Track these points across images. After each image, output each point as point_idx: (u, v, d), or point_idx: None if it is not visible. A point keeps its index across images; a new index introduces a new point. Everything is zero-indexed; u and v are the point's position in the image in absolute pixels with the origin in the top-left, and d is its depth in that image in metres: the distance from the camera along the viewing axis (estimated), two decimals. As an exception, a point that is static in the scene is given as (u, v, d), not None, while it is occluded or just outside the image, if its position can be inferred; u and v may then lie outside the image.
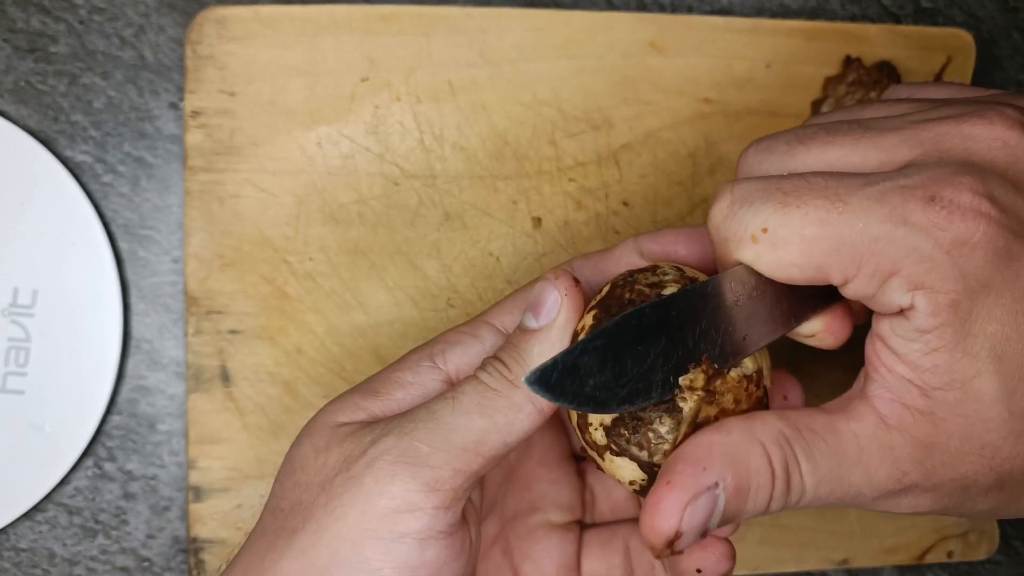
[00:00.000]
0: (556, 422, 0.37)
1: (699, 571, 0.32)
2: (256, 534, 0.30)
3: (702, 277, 0.30)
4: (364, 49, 0.41)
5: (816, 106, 0.43)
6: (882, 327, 0.28)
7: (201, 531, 0.40)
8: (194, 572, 0.40)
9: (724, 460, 0.27)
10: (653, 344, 0.28)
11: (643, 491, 0.29)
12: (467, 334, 0.33)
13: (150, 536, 0.42)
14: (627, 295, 0.30)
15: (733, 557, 0.32)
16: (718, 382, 0.29)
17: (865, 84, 0.43)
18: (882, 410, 0.28)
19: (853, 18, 0.45)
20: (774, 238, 0.28)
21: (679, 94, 0.43)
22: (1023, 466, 0.28)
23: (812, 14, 0.45)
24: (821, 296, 0.31)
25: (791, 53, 0.43)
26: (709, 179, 0.43)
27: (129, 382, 0.42)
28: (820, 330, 0.31)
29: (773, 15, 0.45)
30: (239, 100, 0.40)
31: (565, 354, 0.28)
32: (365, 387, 0.32)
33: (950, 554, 0.45)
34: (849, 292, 0.28)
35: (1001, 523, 0.46)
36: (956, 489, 0.28)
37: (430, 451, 0.28)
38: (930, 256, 0.27)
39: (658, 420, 0.29)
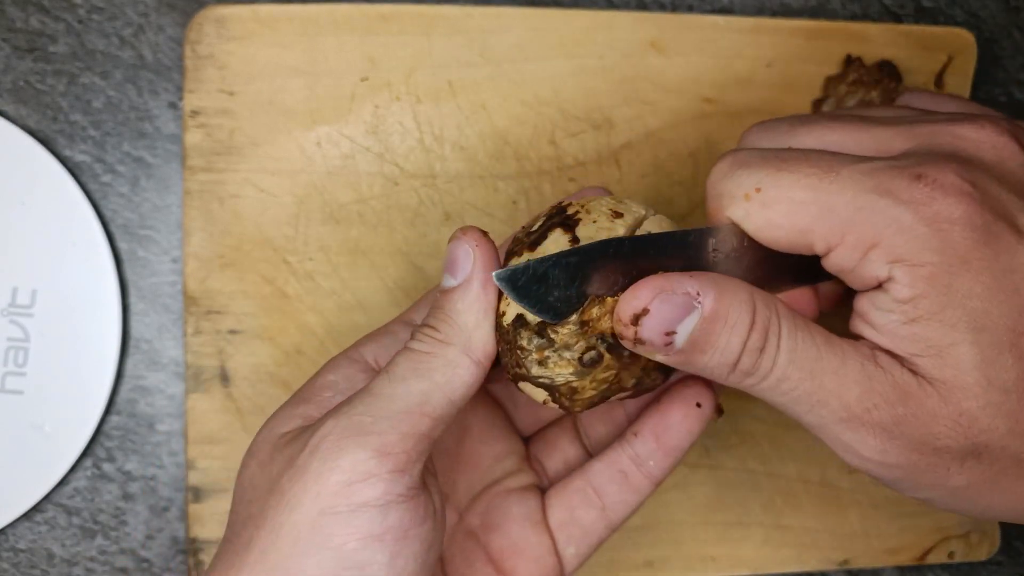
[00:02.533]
0: (489, 398, 0.37)
1: (699, 405, 0.34)
2: (215, 560, 0.30)
3: (627, 212, 0.31)
4: (364, 49, 0.41)
5: (817, 106, 0.43)
6: (862, 304, 0.29)
7: (200, 532, 0.40)
8: (193, 573, 0.40)
9: (712, 283, 0.28)
10: (624, 274, 0.29)
11: (560, 405, 0.31)
12: (381, 332, 0.34)
13: (149, 537, 0.42)
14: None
15: (713, 396, 0.34)
16: (598, 311, 0.29)
17: (866, 83, 0.42)
18: (876, 349, 0.29)
19: (854, 17, 0.45)
20: (765, 198, 0.29)
21: (680, 94, 0.43)
22: (1000, 440, 0.28)
23: (813, 13, 0.45)
24: (794, 277, 0.32)
25: (792, 52, 0.43)
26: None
27: (128, 382, 0.42)
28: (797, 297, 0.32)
29: (774, 14, 0.45)
30: (239, 100, 0.40)
31: (538, 262, 0.28)
32: (294, 398, 0.32)
33: (951, 554, 0.45)
34: (831, 263, 0.29)
35: (1003, 523, 0.46)
36: (925, 447, 0.28)
37: (373, 420, 0.28)
38: (911, 228, 0.28)
39: (530, 340, 0.29)
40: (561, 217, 0.31)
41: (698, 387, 0.34)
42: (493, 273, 0.28)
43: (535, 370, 0.30)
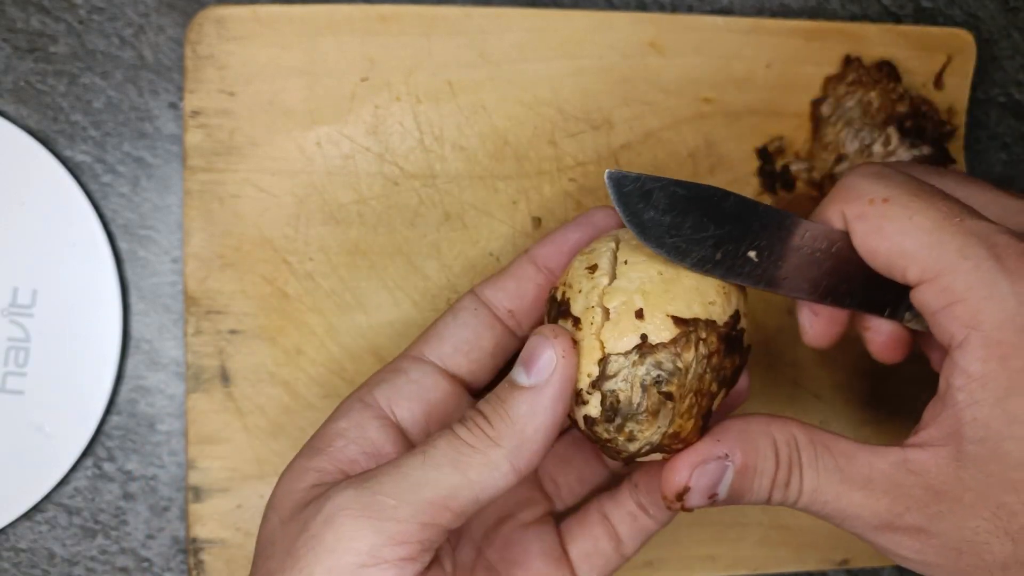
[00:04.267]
0: None
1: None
2: None
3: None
4: (364, 49, 0.41)
5: (816, 106, 0.43)
6: (941, 383, 0.29)
7: (200, 531, 0.40)
8: (193, 572, 0.40)
9: (736, 439, 0.30)
10: (717, 224, 0.30)
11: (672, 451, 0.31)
12: (390, 371, 0.33)
13: (150, 536, 0.42)
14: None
15: None
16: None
17: (865, 84, 0.43)
18: (907, 455, 0.29)
19: (853, 18, 0.45)
20: (888, 209, 0.29)
21: (679, 94, 0.43)
22: None
23: (812, 14, 0.45)
24: (860, 302, 0.32)
25: (791, 53, 0.43)
26: (709, 179, 0.43)
27: (129, 382, 0.42)
28: (821, 316, 0.32)
29: (773, 15, 0.45)
30: (239, 100, 0.40)
31: (649, 178, 0.29)
32: (307, 448, 0.32)
33: (950, 554, 0.45)
34: (918, 296, 0.29)
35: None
36: (964, 544, 0.28)
37: (396, 504, 0.28)
38: (1002, 298, 0.27)
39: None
40: (556, 308, 0.31)
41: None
42: (606, 171, 0.29)
43: (633, 447, 0.30)
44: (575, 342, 0.30)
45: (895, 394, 0.45)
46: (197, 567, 0.40)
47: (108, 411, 0.42)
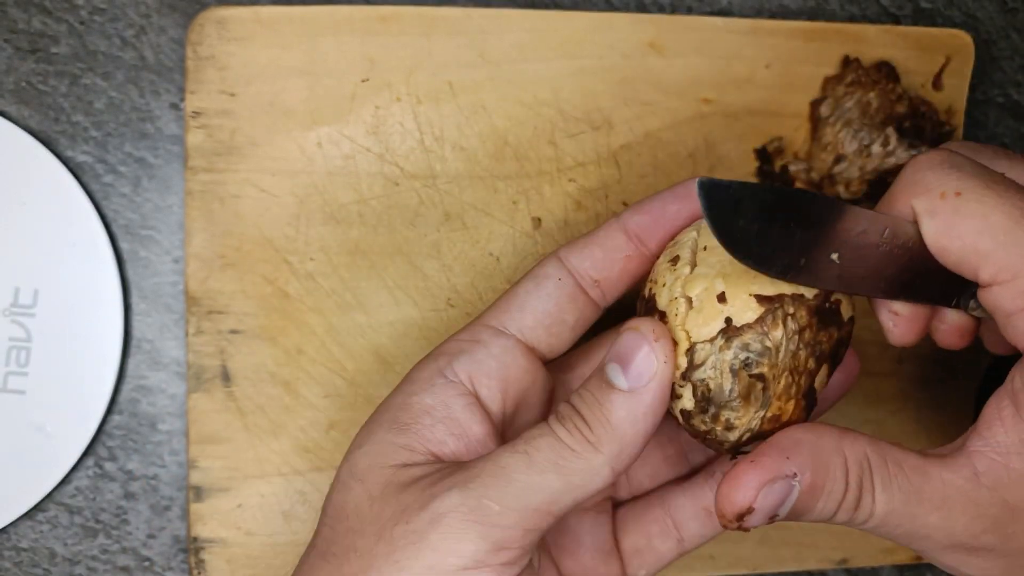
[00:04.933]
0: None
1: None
2: (304, 565, 0.30)
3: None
4: (364, 50, 0.41)
5: (815, 106, 0.43)
6: (1015, 382, 0.28)
7: (202, 531, 0.41)
8: (195, 572, 0.41)
9: (807, 456, 0.28)
10: (803, 229, 0.28)
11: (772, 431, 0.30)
12: (467, 340, 0.32)
13: (151, 536, 0.42)
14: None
15: None
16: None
17: (864, 84, 0.43)
18: (979, 466, 0.28)
19: (852, 18, 0.45)
20: (960, 204, 0.28)
21: (679, 95, 0.43)
22: None
23: (811, 14, 0.45)
24: (932, 296, 0.31)
25: (790, 53, 0.43)
26: (709, 179, 0.43)
27: (130, 382, 0.42)
28: (903, 315, 0.31)
29: (772, 16, 0.45)
30: (240, 100, 0.40)
31: (740, 185, 0.27)
32: (389, 422, 0.31)
33: (949, 554, 0.45)
34: (989, 296, 0.28)
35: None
36: None
37: (501, 510, 0.27)
38: None
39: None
40: (644, 305, 0.30)
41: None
42: (697, 180, 0.27)
43: (733, 436, 0.29)
44: (675, 344, 0.29)
45: (895, 394, 0.45)
46: (198, 566, 0.41)
47: (109, 411, 0.42)
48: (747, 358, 0.28)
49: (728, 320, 0.28)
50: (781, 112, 0.43)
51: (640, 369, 0.28)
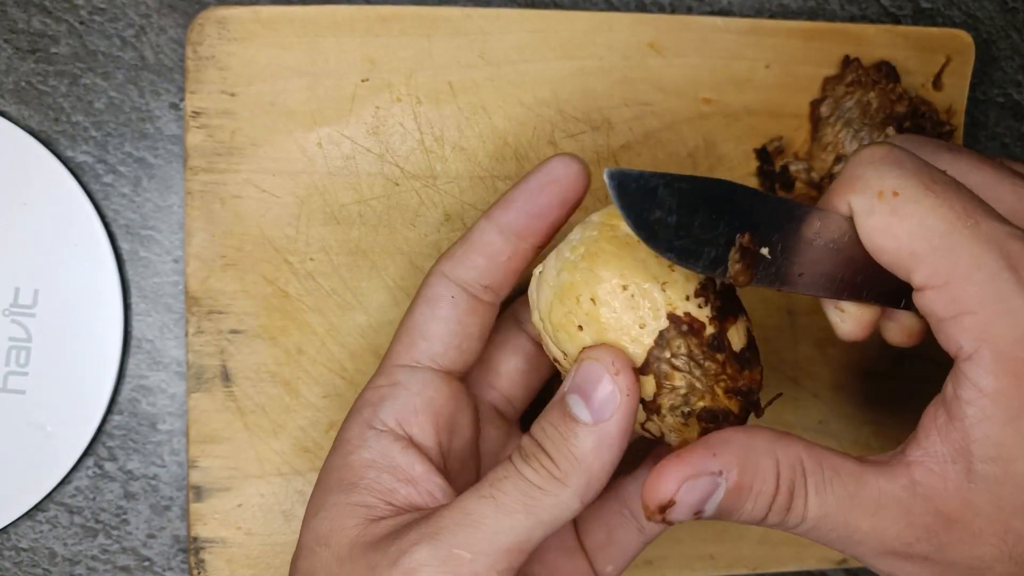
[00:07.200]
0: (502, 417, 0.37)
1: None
2: None
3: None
4: (365, 50, 0.41)
5: (815, 106, 0.43)
6: (948, 390, 0.28)
7: (202, 531, 0.41)
8: (195, 571, 0.41)
9: (734, 456, 0.28)
10: (725, 220, 0.27)
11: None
12: (386, 386, 0.32)
13: (151, 536, 0.42)
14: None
15: None
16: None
17: (864, 84, 0.43)
18: (916, 476, 0.28)
19: (852, 18, 0.45)
20: (898, 205, 0.27)
21: (678, 95, 0.43)
22: None
23: (811, 14, 0.45)
24: (876, 295, 0.30)
25: (790, 53, 0.43)
26: (709, 179, 0.43)
27: (130, 382, 0.42)
28: (849, 312, 0.31)
29: (772, 15, 0.45)
30: (240, 101, 0.40)
31: (651, 174, 0.26)
32: (337, 483, 0.31)
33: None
34: (922, 300, 0.28)
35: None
36: (969, 571, 0.28)
37: (473, 557, 0.27)
38: (1018, 313, 0.26)
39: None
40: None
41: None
42: (605, 170, 0.26)
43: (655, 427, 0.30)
44: (637, 377, 0.28)
45: (895, 394, 0.45)
46: (198, 566, 0.41)
47: (109, 410, 0.42)
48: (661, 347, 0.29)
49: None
50: (781, 112, 0.43)
51: (602, 402, 0.28)
